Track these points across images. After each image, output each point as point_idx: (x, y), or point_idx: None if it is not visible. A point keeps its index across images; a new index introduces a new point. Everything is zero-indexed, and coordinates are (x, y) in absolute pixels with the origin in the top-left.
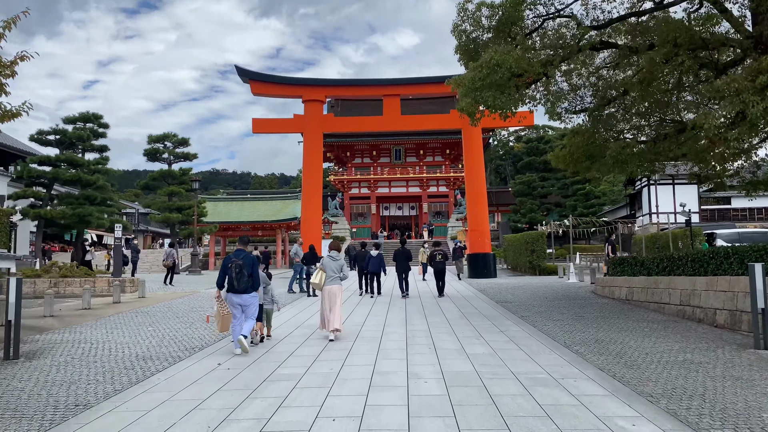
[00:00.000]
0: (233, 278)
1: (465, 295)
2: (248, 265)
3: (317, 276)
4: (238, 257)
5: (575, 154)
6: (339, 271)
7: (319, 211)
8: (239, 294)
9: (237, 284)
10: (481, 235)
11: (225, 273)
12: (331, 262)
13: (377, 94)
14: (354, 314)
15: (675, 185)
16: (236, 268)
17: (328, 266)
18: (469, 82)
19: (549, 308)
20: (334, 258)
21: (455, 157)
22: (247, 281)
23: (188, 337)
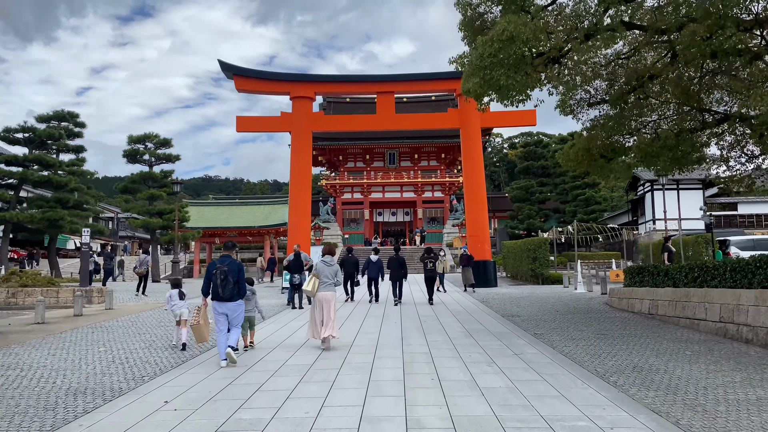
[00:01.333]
0: (218, 285)
1: (466, 308)
2: (234, 272)
3: (310, 282)
4: (224, 263)
5: (590, 150)
6: (333, 277)
7: (308, 216)
8: (224, 302)
9: (222, 292)
10: (480, 241)
11: (210, 280)
12: (326, 268)
13: (370, 90)
14: (343, 330)
15: (679, 190)
16: (221, 275)
17: (322, 272)
18: (477, 59)
19: (563, 324)
20: (329, 263)
21: (451, 162)
22: (233, 288)
23: (142, 361)
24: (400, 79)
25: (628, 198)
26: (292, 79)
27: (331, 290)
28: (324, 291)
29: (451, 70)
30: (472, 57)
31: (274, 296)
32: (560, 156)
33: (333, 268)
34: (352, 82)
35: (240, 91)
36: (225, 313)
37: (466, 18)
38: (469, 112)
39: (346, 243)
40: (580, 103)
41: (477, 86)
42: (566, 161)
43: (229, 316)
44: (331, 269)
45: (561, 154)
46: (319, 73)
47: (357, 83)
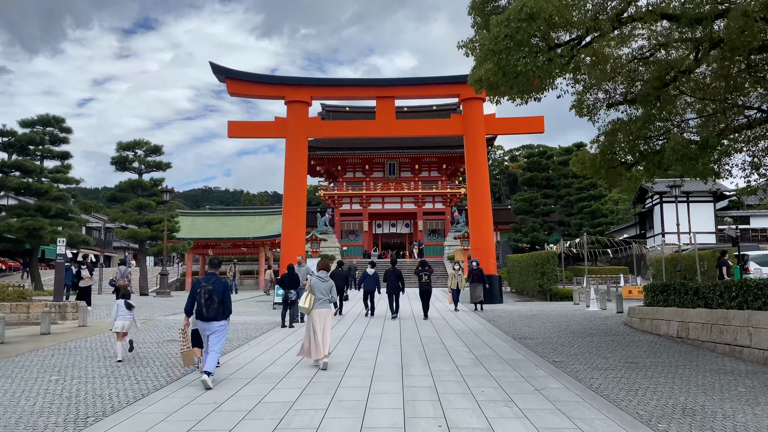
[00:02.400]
0: (202, 304)
1: (473, 328)
2: (219, 291)
3: (306, 299)
4: (208, 282)
5: (608, 156)
6: (328, 293)
7: (302, 226)
8: (208, 321)
9: (206, 311)
10: (485, 254)
11: (194, 299)
12: (320, 283)
13: (369, 95)
14: (336, 355)
15: (690, 203)
16: (206, 294)
17: (317, 288)
18: (491, 42)
19: (584, 349)
20: (323, 279)
21: (452, 173)
22: (218, 308)
23: (94, 395)
24: (401, 83)
25: (635, 211)
26: (288, 83)
27: (326, 306)
28: (319, 308)
29: (454, 74)
30: (485, 40)
31: (265, 312)
32: (574, 163)
33: (327, 284)
34: (350, 86)
35: (232, 94)
36: (209, 332)
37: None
38: (473, 118)
39: (345, 255)
40: (596, 104)
41: (490, 74)
42: (581, 168)
43: (213, 335)
44: (325, 285)
45: (575, 161)
46: (314, 77)
47: (355, 87)
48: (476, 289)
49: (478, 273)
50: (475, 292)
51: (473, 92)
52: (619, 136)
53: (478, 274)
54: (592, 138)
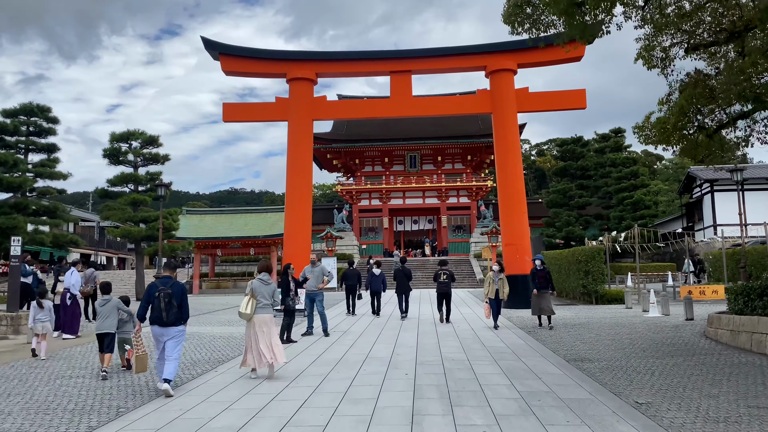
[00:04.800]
0: (161, 309)
1: (510, 344)
2: (177, 295)
3: (247, 304)
4: (166, 285)
5: (683, 119)
6: (271, 297)
7: (307, 222)
8: (167, 327)
9: (165, 316)
10: (518, 250)
11: (148, 303)
12: (263, 287)
13: (383, 70)
14: (323, 394)
15: (744, 191)
16: (165, 298)
17: (258, 291)
18: None
19: (671, 378)
20: (266, 282)
21: (478, 164)
22: (177, 313)
23: None
24: (419, 54)
25: (681, 202)
26: (289, 58)
27: (268, 312)
28: (262, 313)
29: (480, 43)
30: None
31: None
32: (637, 130)
33: (270, 287)
34: (360, 59)
35: (227, 73)
36: (167, 337)
37: None
38: (503, 93)
39: (364, 254)
40: (671, 49)
41: None
42: (646, 137)
43: (171, 341)
44: (268, 288)
45: (638, 128)
46: (320, 51)
47: (366, 61)
48: (543, 299)
49: (544, 275)
50: (541, 302)
51: (501, 63)
52: (698, 91)
53: (544, 276)
54: (661, 97)
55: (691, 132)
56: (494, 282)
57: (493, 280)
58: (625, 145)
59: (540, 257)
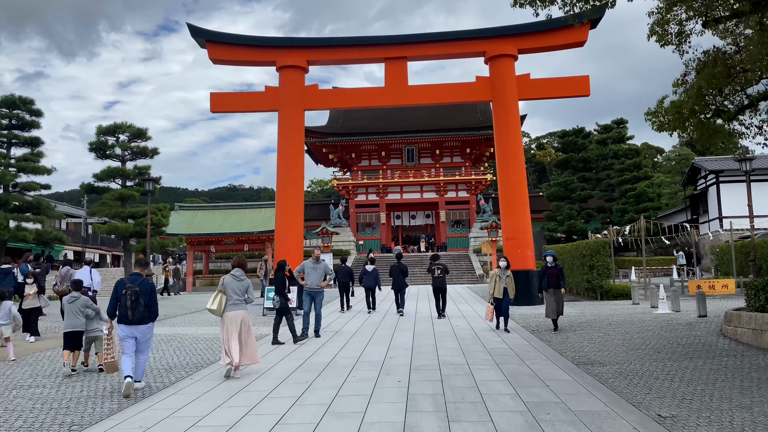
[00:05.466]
0: (128, 307)
1: (514, 346)
2: (146, 293)
3: (215, 300)
4: (134, 283)
5: (700, 102)
6: (243, 294)
7: (299, 217)
8: (134, 325)
9: (132, 314)
10: (520, 245)
11: (117, 300)
12: (235, 283)
13: (377, 56)
14: (304, 406)
15: (750, 182)
16: (132, 296)
17: (230, 287)
18: None
19: (694, 385)
20: (238, 278)
21: (477, 158)
22: (144, 311)
23: None
24: (415, 40)
25: (685, 194)
26: (279, 45)
27: (242, 308)
28: (234, 310)
29: (480, 27)
30: None
31: (253, 321)
32: (650, 116)
33: (243, 284)
34: (353, 46)
35: (215, 61)
36: (134, 336)
37: None
38: (503, 79)
39: (361, 250)
40: (685, 25)
41: None
42: (659, 123)
43: (138, 340)
44: (240, 285)
45: (651, 114)
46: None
47: (360, 47)
48: (555, 297)
49: (556, 273)
50: (554, 302)
51: (501, 48)
52: (718, 70)
53: (556, 275)
54: (676, 78)
55: (708, 116)
56: (501, 279)
57: (500, 277)
58: (627, 136)
59: (552, 253)
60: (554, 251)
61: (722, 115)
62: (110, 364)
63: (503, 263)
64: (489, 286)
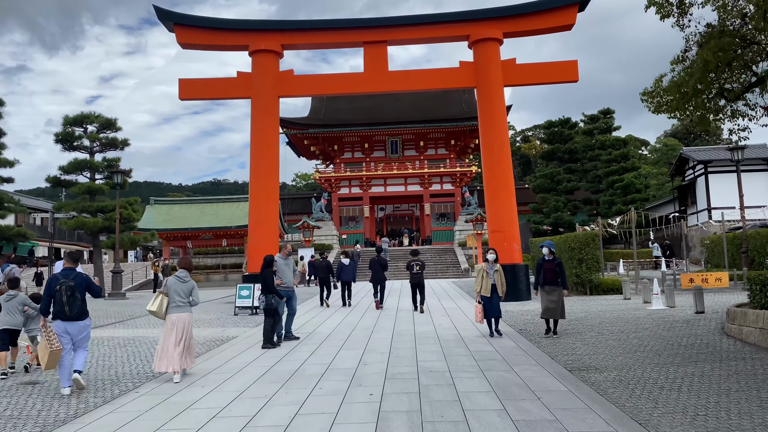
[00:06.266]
0: (64, 303)
1: (500, 348)
2: (81, 287)
3: (156, 302)
4: (68, 277)
5: (703, 81)
6: (187, 296)
7: (275, 210)
8: (72, 321)
9: (69, 310)
10: (506, 238)
11: (50, 296)
12: (179, 284)
13: (355, 40)
14: (269, 415)
15: (740, 172)
16: (67, 291)
17: (173, 289)
18: None
19: (705, 395)
20: (183, 279)
21: (462, 149)
22: (82, 306)
23: None
24: (395, 23)
25: (673, 184)
26: (251, 28)
27: (186, 311)
28: (177, 312)
29: (465, 10)
30: None
31: (224, 321)
32: (646, 97)
33: (187, 285)
34: (330, 29)
35: (184, 46)
36: (70, 332)
37: None
38: (488, 64)
39: (343, 244)
40: None
41: None
42: (656, 104)
43: (74, 337)
44: (185, 287)
45: (648, 95)
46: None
47: (337, 31)
48: (551, 296)
49: (553, 268)
50: (550, 301)
51: (486, 31)
52: (724, 41)
53: (553, 270)
54: (676, 55)
55: (711, 96)
56: (489, 275)
57: (488, 272)
58: (614, 127)
59: (550, 244)
60: (538, 244)
61: (728, 94)
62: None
63: (491, 256)
64: (475, 282)
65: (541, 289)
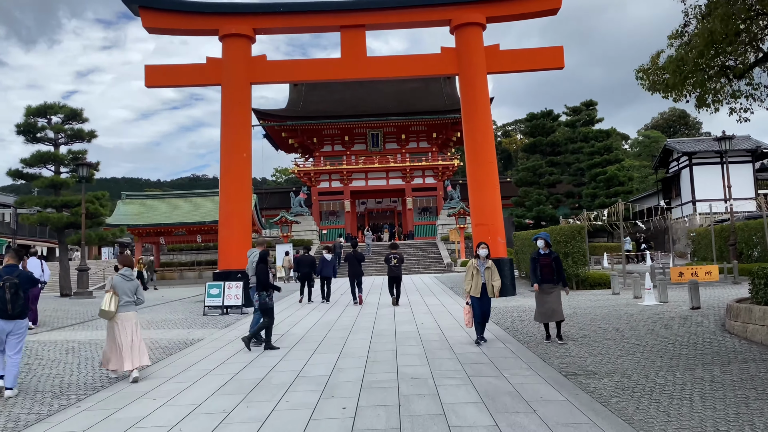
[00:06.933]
0: (7, 300)
1: (486, 350)
2: (25, 285)
3: (109, 301)
4: (12, 274)
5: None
6: (133, 294)
7: (247, 203)
8: (13, 320)
9: (12, 308)
10: (491, 231)
11: None
12: (124, 283)
13: (332, 24)
14: None
15: (724, 164)
16: (11, 288)
17: (120, 287)
18: None
19: (723, 405)
20: (127, 278)
21: (444, 142)
22: (24, 304)
23: None
24: (374, 6)
25: (657, 177)
26: (222, 11)
27: (132, 309)
28: (126, 311)
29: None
30: None
31: (191, 322)
32: (642, 74)
33: (132, 284)
34: (305, 12)
35: (150, 30)
36: (9, 332)
37: None
38: (471, 50)
39: (323, 239)
40: None
41: None
42: (652, 83)
43: (12, 335)
44: (130, 285)
45: (643, 72)
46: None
47: (313, 14)
48: (550, 296)
49: (550, 263)
50: (547, 302)
51: (468, 15)
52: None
53: (549, 265)
54: (675, 29)
55: (712, 73)
56: (480, 273)
57: (479, 269)
58: (597, 119)
59: (545, 236)
60: (526, 237)
61: (731, 71)
62: None
63: (483, 251)
64: (465, 280)
65: (536, 288)
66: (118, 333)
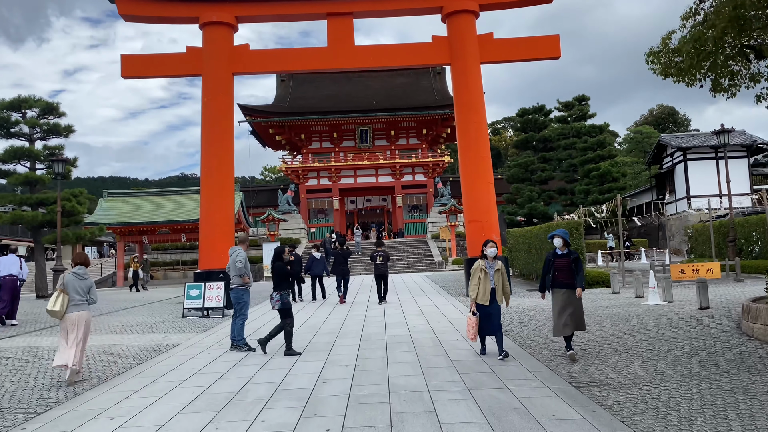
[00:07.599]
0: None
1: (490, 360)
2: None
3: (56, 300)
4: None
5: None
6: (86, 293)
7: (229, 200)
8: None
9: None
10: (485, 228)
11: None
12: (77, 282)
13: (318, 11)
14: None
15: (719, 159)
16: None
17: (71, 286)
18: None
19: (764, 425)
20: (81, 276)
21: (434, 139)
22: None
23: None
24: None
25: (651, 173)
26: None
27: (84, 309)
28: (77, 311)
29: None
30: None
31: (168, 326)
32: (652, 58)
33: (86, 283)
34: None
35: (126, 18)
36: None
37: None
38: (463, 39)
39: (312, 237)
40: None
41: None
42: (663, 66)
43: None
44: (83, 284)
45: (653, 55)
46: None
47: (298, 1)
48: (570, 304)
49: (569, 265)
50: (568, 310)
51: (460, 2)
52: None
53: (568, 266)
54: (689, 7)
55: (732, 53)
56: (488, 276)
57: (487, 271)
58: (589, 114)
59: (563, 233)
60: (519, 235)
61: (754, 51)
62: None
63: (491, 250)
64: (470, 285)
65: (552, 294)
66: (68, 332)
